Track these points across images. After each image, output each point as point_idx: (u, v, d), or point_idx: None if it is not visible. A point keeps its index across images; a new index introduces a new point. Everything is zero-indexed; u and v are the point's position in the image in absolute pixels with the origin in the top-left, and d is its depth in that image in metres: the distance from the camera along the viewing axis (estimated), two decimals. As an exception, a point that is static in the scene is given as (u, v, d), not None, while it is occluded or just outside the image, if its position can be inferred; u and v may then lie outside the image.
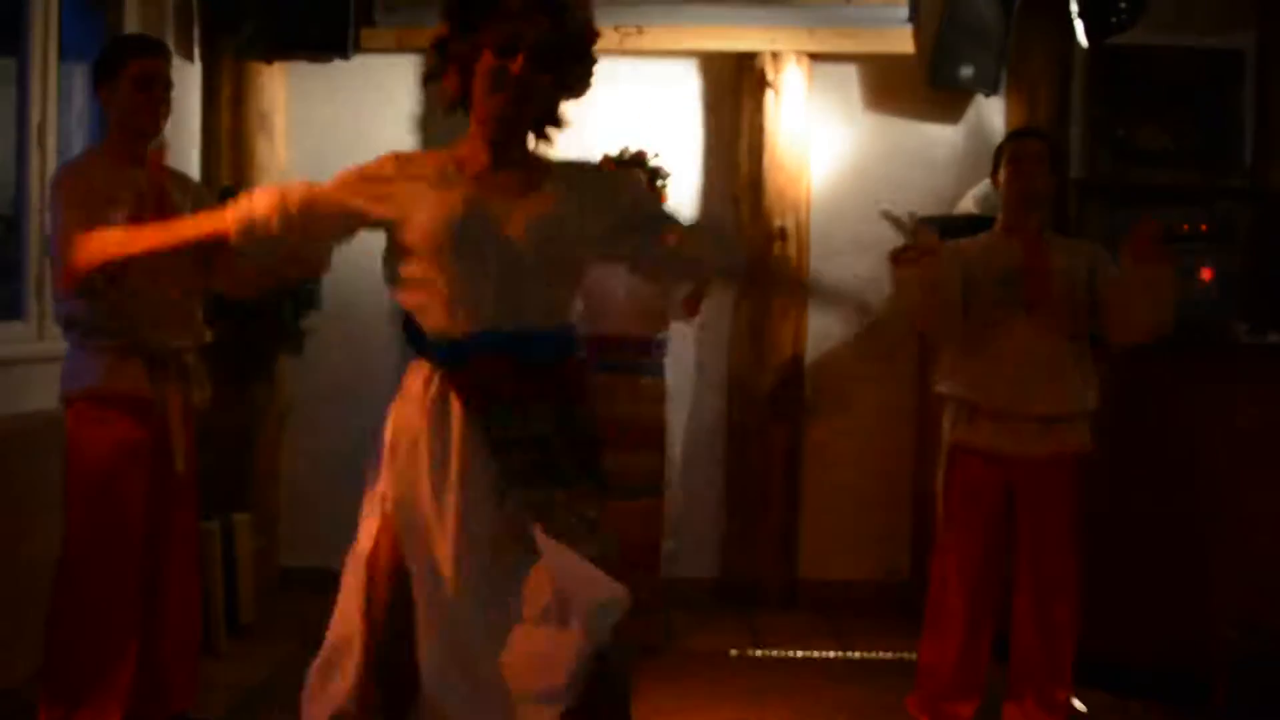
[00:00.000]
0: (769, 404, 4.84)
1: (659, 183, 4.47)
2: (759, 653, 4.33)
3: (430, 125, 4.95)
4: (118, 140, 3.07)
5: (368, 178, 2.23)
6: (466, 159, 2.21)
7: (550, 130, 2.25)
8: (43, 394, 3.54)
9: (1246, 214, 4.67)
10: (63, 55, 3.89)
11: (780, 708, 3.73)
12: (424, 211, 2.14)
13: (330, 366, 4.89)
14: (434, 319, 2.18)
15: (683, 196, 4.83)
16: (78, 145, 4.10)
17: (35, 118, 3.75)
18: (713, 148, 4.93)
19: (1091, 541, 3.32)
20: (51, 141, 3.81)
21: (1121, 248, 3.21)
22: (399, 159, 2.26)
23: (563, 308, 2.23)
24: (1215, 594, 3.63)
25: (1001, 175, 3.38)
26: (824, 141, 4.88)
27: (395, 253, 2.21)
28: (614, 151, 4.46)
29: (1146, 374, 3.74)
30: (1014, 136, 3.56)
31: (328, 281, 4.72)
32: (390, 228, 2.20)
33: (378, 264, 4.86)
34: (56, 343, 3.71)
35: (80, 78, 4.13)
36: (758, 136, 4.81)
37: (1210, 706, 3.42)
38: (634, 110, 4.70)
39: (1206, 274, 4.34)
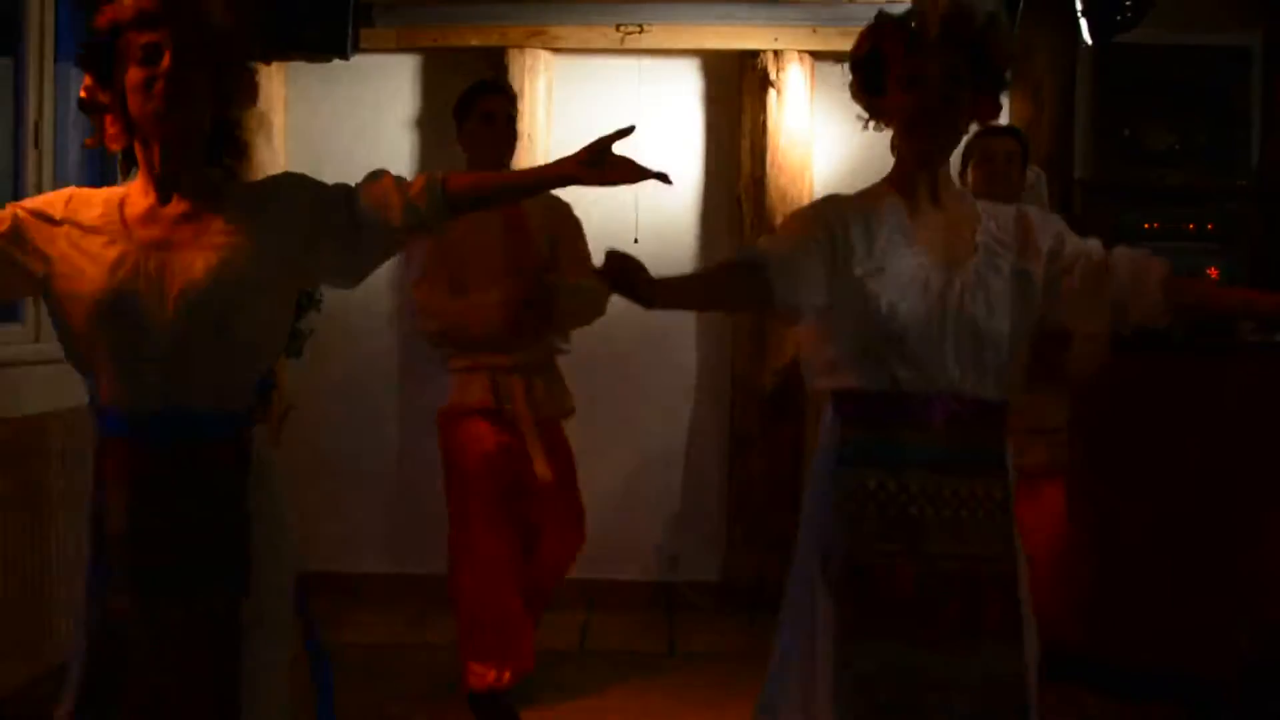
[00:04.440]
0: (771, 406, 4.81)
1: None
2: (762, 655, 4.30)
3: (429, 125, 4.92)
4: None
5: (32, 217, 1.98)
6: (131, 199, 2.00)
7: (228, 157, 2.06)
8: (39, 397, 3.50)
9: (1252, 213, 4.65)
10: (58, 55, 3.86)
11: (785, 712, 3.70)
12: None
13: (330, 368, 4.86)
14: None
15: (685, 196, 4.81)
16: (74, 145, 4.07)
17: (32, 117, 3.73)
18: (714, 147, 4.90)
19: (1102, 545, 3.29)
20: (48, 141, 3.79)
21: None
22: (72, 199, 2.02)
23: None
24: (1228, 597, 3.60)
25: (970, 176, 3.30)
26: (827, 140, 4.85)
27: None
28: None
29: (1153, 374, 3.71)
30: (984, 134, 3.30)
31: (327, 283, 4.69)
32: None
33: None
34: (53, 345, 3.67)
35: (76, 78, 4.10)
36: (760, 136, 4.77)
37: (1225, 711, 3.39)
38: (635, 109, 4.67)
39: (1213, 273, 4.32)
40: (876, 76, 2.16)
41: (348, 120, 4.90)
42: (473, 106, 3.58)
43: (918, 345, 2.09)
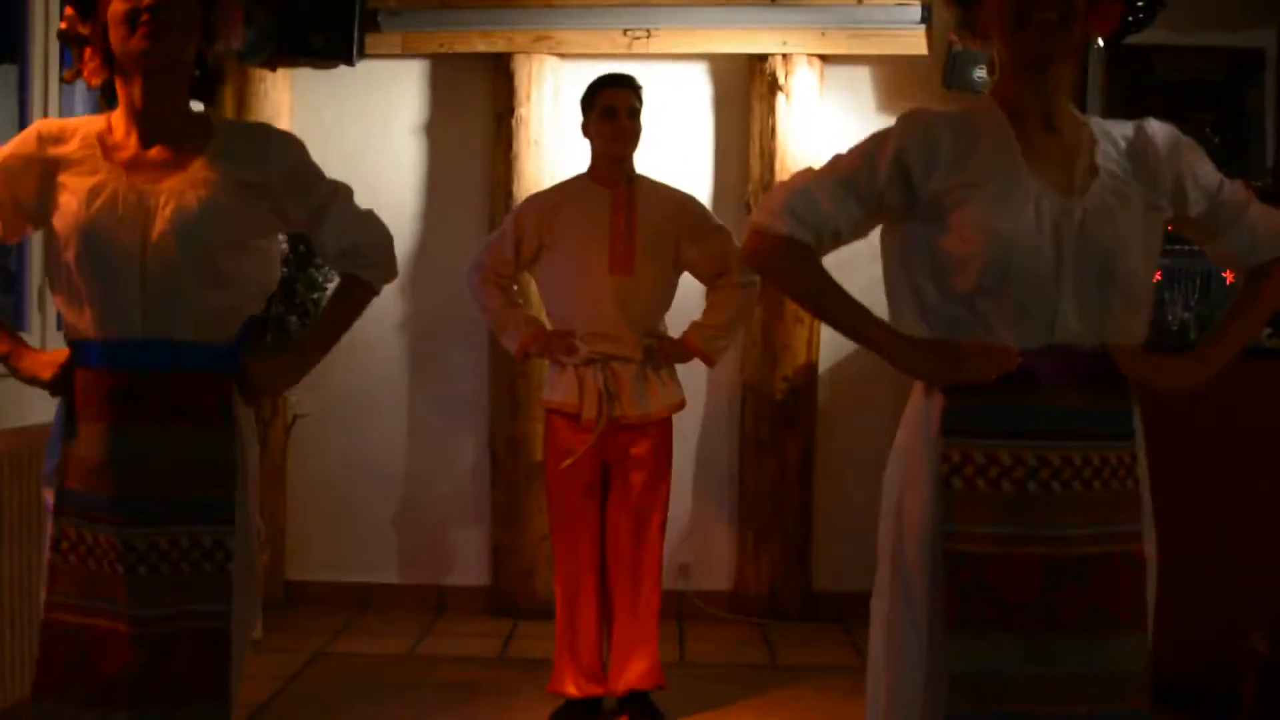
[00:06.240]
0: (781, 413, 4.77)
1: None
2: (774, 664, 4.28)
3: (435, 130, 4.90)
4: (599, 167, 3.63)
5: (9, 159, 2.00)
6: (113, 133, 1.99)
7: (214, 87, 2.05)
8: (44, 408, 3.47)
9: (1268, 215, 4.60)
10: (63, 62, 3.85)
11: (795, 719, 3.68)
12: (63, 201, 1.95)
13: (335, 377, 4.83)
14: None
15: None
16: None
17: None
18: (724, 151, 4.87)
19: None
20: (53, 149, 3.78)
21: None
22: (41, 135, 2.02)
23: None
24: (1240, 603, 3.56)
25: None
26: (836, 144, 4.75)
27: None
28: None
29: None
30: None
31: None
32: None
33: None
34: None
35: (81, 85, 4.09)
36: (769, 139, 4.75)
37: (1238, 718, 3.35)
38: (645, 114, 4.65)
39: (1229, 276, 4.27)
40: None
41: (354, 126, 4.88)
42: (593, 101, 3.59)
43: (1027, 288, 1.73)
